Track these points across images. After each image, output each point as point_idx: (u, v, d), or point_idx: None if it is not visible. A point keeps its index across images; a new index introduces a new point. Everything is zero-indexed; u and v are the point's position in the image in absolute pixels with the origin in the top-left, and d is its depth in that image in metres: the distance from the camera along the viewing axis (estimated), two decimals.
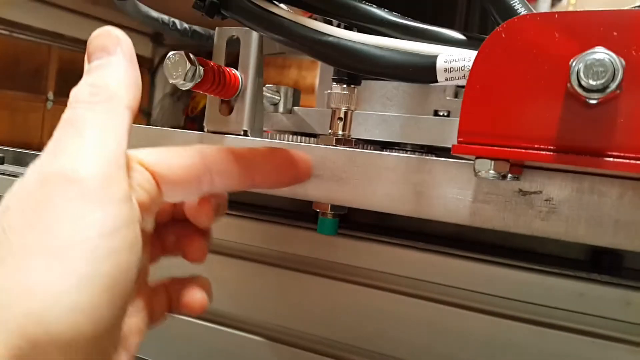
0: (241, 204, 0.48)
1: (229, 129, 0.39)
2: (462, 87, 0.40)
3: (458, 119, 0.39)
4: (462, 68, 0.26)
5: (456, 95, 0.40)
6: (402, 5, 0.32)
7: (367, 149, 0.38)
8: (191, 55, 0.34)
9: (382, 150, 0.40)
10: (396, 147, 0.42)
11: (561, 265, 0.35)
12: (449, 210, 0.33)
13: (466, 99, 0.23)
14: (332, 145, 0.37)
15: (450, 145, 0.39)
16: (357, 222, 0.43)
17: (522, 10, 0.25)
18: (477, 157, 0.24)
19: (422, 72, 0.27)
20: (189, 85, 0.34)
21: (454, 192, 0.33)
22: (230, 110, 0.39)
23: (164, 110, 3.03)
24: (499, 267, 0.36)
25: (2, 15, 2.33)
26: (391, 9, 0.31)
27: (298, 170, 0.35)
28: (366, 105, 0.41)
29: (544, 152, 0.22)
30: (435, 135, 0.39)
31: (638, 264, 0.37)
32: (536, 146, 0.22)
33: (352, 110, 0.38)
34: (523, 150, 0.23)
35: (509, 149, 0.23)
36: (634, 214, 0.30)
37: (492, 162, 0.24)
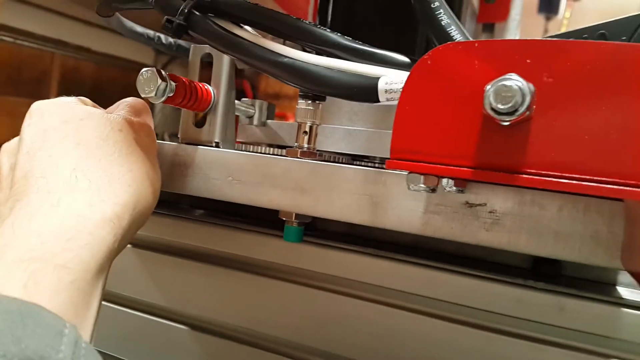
0: (213, 211, 0.50)
1: (201, 140, 0.41)
2: None
3: None
4: (400, 90, 0.28)
5: None
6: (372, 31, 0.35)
7: (335, 161, 0.41)
8: (163, 72, 0.37)
9: (352, 163, 0.43)
10: (366, 160, 0.45)
11: (506, 272, 0.37)
12: (402, 221, 0.35)
13: (397, 119, 0.25)
14: (297, 158, 0.39)
15: None
16: (324, 230, 0.46)
17: (458, 37, 0.27)
18: (409, 172, 0.26)
19: (365, 92, 0.29)
20: (160, 100, 0.37)
21: (407, 204, 0.35)
22: (204, 123, 0.42)
23: (165, 117, 3.06)
24: (450, 274, 0.39)
25: (6, 22, 2.36)
26: (357, 34, 0.33)
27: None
28: (334, 120, 0.44)
29: (465, 169, 0.24)
30: None
31: (576, 271, 0.39)
32: (459, 163, 0.24)
33: (317, 125, 0.40)
34: (447, 167, 0.25)
35: (435, 165, 0.25)
36: (572, 226, 0.32)
37: (422, 176, 0.26)
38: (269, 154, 0.41)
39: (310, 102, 0.39)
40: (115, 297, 0.51)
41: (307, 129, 0.40)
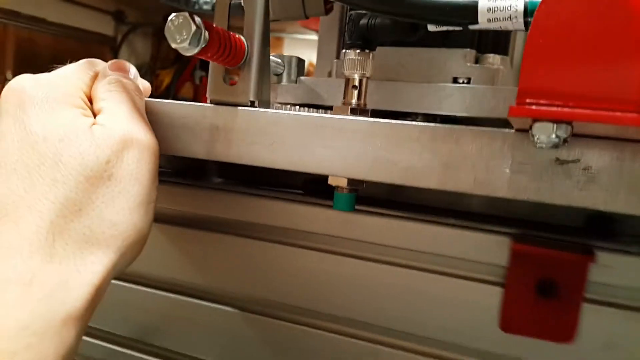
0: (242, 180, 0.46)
1: (234, 99, 0.36)
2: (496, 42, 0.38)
3: (480, 86, 0.37)
4: (509, 8, 0.24)
5: (477, 61, 0.38)
6: None
7: None
8: (196, 17, 0.31)
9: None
10: (408, 119, 0.40)
11: (561, 232, 0.35)
12: (479, 183, 0.31)
13: (528, 52, 0.21)
14: (347, 116, 0.35)
15: (471, 115, 0.37)
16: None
17: None
18: (536, 121, 0.22)
19: (461, 12, 0.25)
20: (194, 51, 0.31)
21: (484, 163, 0.31)
22: (235, 80, 0.36)
23: None
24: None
25: None
26: None
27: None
28: (379, 74, 0.39)
29: (631, 114, 0.20)
30: (454, 104, 0.37)
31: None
32: (620, 107, 0.20)
33: (367, 78, 0.35)
34: (599, 112, 0.20)
35: (582, 111, 0.21)
36: None
37: (555, 125, 0.22)
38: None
39: (359, 51, 0.35)
40: (141, 278, 0.46)
41: (357, 83, 0.35)
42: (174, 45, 0.31)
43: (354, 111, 0.35)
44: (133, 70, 0.37)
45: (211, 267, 0.44)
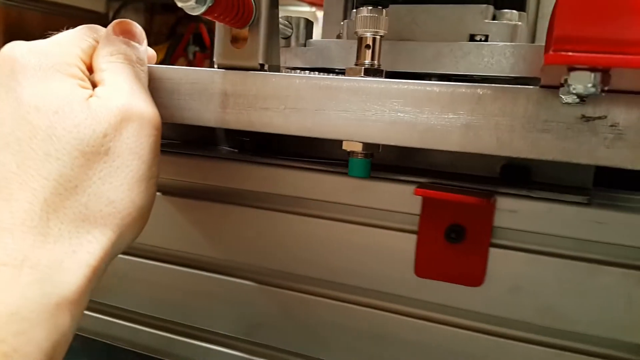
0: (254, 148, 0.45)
1: (243, 63, 0.35)
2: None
3: (497, 43, 0.36)
4: None
5: (494, 18, 0.36)
6: None
7: None
8: None
9: None
10: (425, 78, 0.39)
11: (476, 181, 0.36)
12: (502, 143, 0.30)
13: None
14: (361, 77, 0.33)
15: (489, 74, 0.36)
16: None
17: None
18: (573, 69, 0.21)
19: None
20: (201, 10, 0.30)
21: (506, 123, 0.30)
22: (243, 42, 0.35)
23: None
24: None
25: None
26: None
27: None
28: (391, 34, 0.37)
29: None
30: (472, 64, 0.36)
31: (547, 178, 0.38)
32: None
33: (381, 36, 0.34)
34: None
35: (622, 56, 0.19)
36: None
37: (593, 74, 0.20)
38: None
39: (371, 8, 0.33)
40: (159, 254, 0.46)
41: (370, 42, 0.34)
42: (180, 4, 0.29)
43: (367, 72, 0.33)
44: (140, 32, 0.35)
45: (225, 239, 0.43)
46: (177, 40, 2.02)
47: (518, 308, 0.35)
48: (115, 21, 0.34)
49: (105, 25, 0.35)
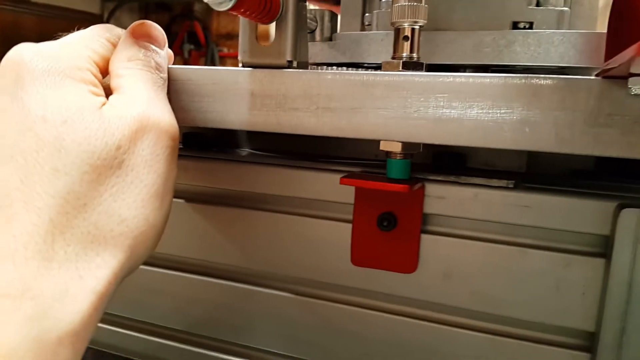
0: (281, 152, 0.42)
1: (270, 60, 0.32)
2: None
3: (545, 31, 0.33)
4: None
5: (538, 3, 0.34)
6: None
7: None
8: None
9: None
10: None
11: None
12: (561, 139, 0.27)
13: None
14: (400, 71, 0.31)
15: (537, 64, 0.33)
16: None
17: None
18: None
19: None
20: (228, 5, 0.27)
21: (567, 118, 0.27)
22: (269, 38, 0.32)
23: None
24: None
25: None
26: None
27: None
28: (427, 24, 0.35)
29: None
30: (516, 54, 0.33)
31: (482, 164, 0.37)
32: None
33: (421, 26, 0.31)
34: None
35: None
36: None
37: None
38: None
39: None
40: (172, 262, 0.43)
41: (409, 33, 0.31)
42: (206, 0, 0.27)
43: (406, 65, 0.31)
44: (160, 36, 0.33)
45: (248, 246, 0.40)
46: (172, 39, 1.99)
47: (451, 293, 0.34)
48: (134, 23, 0.32)
49: None
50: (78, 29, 0.32)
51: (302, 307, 0.39)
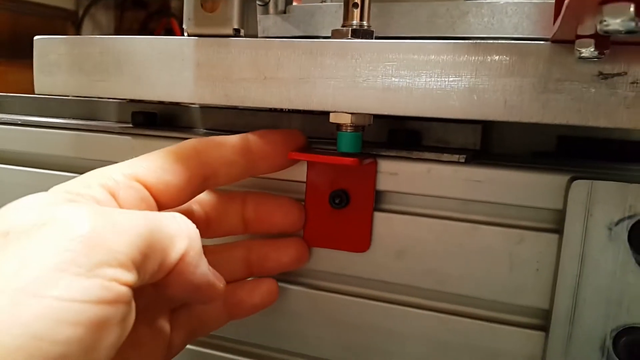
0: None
1: (216, 29, 0.31)
2: None
3: (498, 0, 0.32)
4: None
5: None
6: None
7: None
8: None
9: None
10: None
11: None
12: (510, 107, 0.27)
13: None
14: (349, 39, 0.30)
15: (491, 35, 0.33)
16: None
17: None
18: (606, 2, 0.17)
19: None
20: None
21: (517, 83, 0.26)
22: (215, 7, 0.31)
23: None
24: None
25: None
26: None
27: (296, 147, 0.31)
28: None
29: None
30: (470, 25, 0.32)
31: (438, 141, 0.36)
32: None
33: None
34: None
35: None
36: None
37: (633, 5, 0.17)
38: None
39: None
40: None
41: (358, 0, 0.30)
42: None
43: (356, 33, 0.30)
44: None
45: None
46: (149, 35, 1.98)
47: (403, 272, 0.33)
48: None
49: (75, 23, 0.31)
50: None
51: None
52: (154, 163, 0.25)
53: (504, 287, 0.31)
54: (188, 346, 0.34)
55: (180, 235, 0.23)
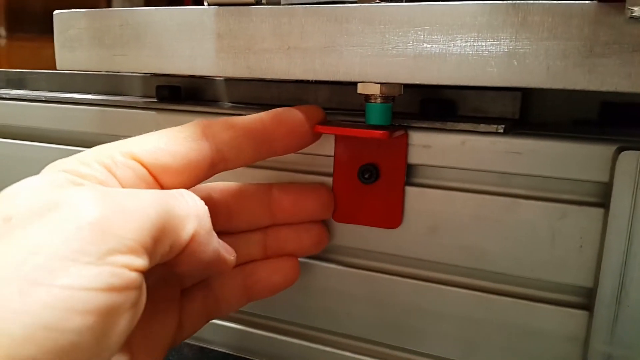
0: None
1: None
2: None
3: None
4: None
5: None
6: None
7: None
8: None
9: None
10: None
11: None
12: (553, 74, 0.25)
13: None
14: (378, 3, 0.28)
15: None
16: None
17: None
18: None
19: None
20: None
21: (560, 48, 0.24)
22: None
23: None
24: None
25: None
26: None
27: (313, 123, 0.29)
28: None
29: None
30: None
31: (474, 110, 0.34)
32: None
33: None
34: None
35: None
36: None
37: None
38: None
39: None
40: None
41: None
42: None
43: None
44: None
45: None
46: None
47: (438, 249, 0.32)
48: None
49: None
50: None
51: None
52: (153, 143, 0.24)
53: (545, 264, 0.30)
54: (213, 321, 0.34)
55: (189, 215, 0.22)
